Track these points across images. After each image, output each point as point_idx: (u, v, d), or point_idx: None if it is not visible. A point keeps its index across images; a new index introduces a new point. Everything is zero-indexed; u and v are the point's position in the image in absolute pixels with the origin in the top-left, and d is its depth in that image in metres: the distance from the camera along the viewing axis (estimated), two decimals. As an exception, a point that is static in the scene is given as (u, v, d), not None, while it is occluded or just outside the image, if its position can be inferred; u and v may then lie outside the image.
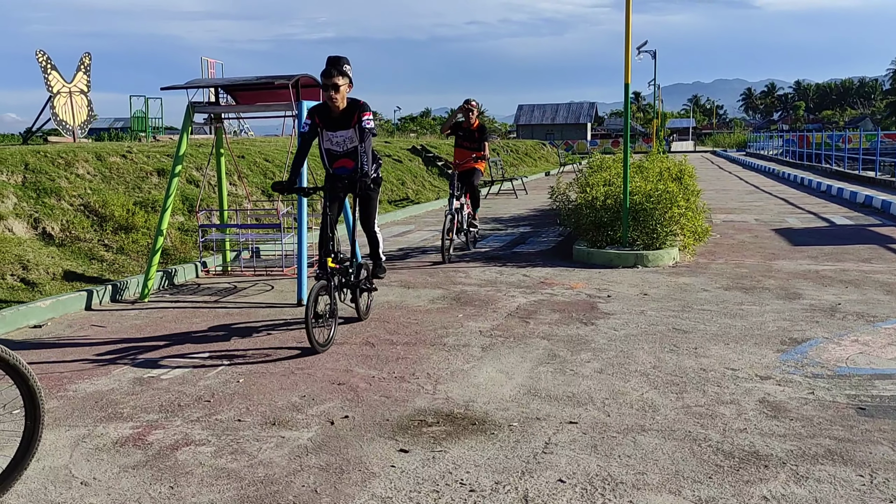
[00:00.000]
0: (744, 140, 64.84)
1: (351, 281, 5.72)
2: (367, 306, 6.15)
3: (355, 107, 5.61)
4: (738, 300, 6.52)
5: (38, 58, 17.49)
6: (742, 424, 3.75)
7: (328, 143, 5.76)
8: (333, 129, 5.68)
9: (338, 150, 5.74)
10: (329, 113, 5.64)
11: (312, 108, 5.74)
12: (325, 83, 5.45)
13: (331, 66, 5.47)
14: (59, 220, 8.16)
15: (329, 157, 5.81)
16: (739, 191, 19.63)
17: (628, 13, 8.50)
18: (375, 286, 6.23)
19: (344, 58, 5.56)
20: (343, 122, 5.64)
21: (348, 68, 5.53)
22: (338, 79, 5.45)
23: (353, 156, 5.72)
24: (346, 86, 5.54)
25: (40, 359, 5.13)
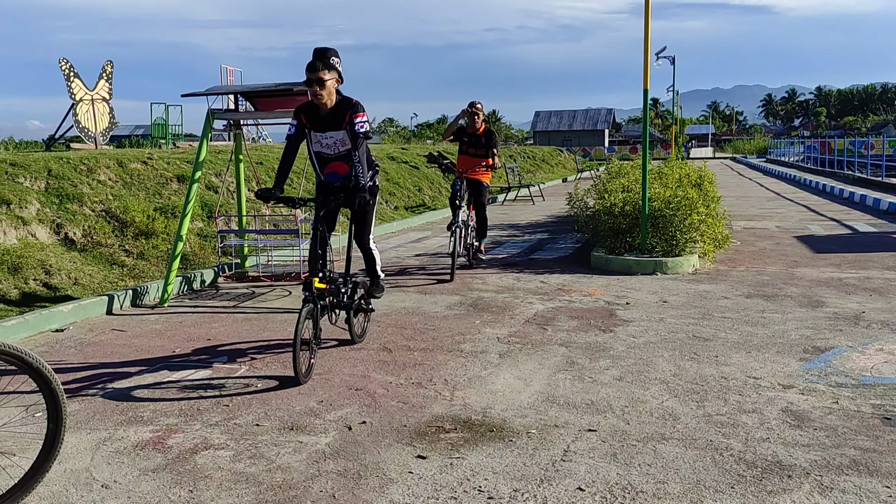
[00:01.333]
0: (764, 146, 64.34)
1: (344, 301, 5.13)
2: (362, 329, 5.60)
3: (346, 106, 5.06)
4: (760, 308, 6.45)
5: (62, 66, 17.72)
6: (765, 434, 3.70)
7: (317, 146, 5.23)
8: (322, 129, 5.14)
9: (328, 152, 5.23)
10: (317, 112, 5.10)
11: (298, 107, 5.21)
12: (309, 77, 4.89)
13: (316, 59, 4.92)
14: (81, 226, 8.24)
15: (319, 161, 5.31)
16: (760, 197, 19.46)
17: (647, 20, 8.47)
18: (373, 306, 5.67)
19: (332, 49, 5.04)
20: (332, 121, 5.10)
21: (336, 61, 5.01)
22: (323, 73, 4.89)
23: (347, 159, 5.20)
24: (333, 81, 4.98)
25: (62, 362, 5.18)
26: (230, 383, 4.68)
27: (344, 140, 5.14)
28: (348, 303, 5.18)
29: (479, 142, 8.86)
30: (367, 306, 5.55)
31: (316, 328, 4.71)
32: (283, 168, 5.13)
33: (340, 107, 5.05)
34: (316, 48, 5.00)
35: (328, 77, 4.92)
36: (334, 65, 4.98)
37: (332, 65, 4.94)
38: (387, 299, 7.15)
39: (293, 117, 5.20)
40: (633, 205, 8.94)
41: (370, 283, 5.61)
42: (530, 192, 20.38)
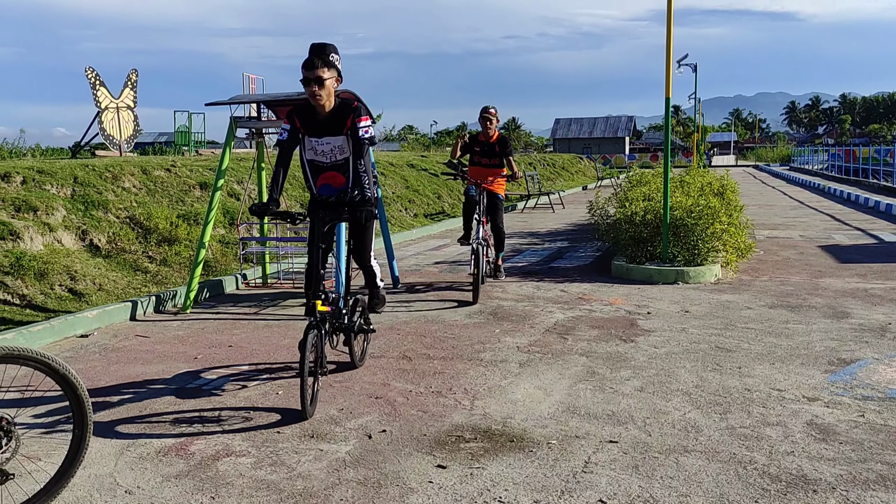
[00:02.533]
0: (787, 154, 63.75)
1: (344, 324, 4.70)
2: (362, 350, 5.22)
3: (347, 109, 4.54)
4: (784, 319, 6.38)
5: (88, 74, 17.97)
6: (789, 447, 3.66)
7: (311, 153, 4.69)
8: (318, 134, 4.61)
9: (323, 161, 4.67)
10: (313, 114, 4.59)
11: (292, 110, 4.69)
12: (306, 76, 4.39)
13: (313, 55, 4.42)
14: (105, 232, 8.35)
15: (312, 171, 4.74)
16: (783, 206, 19.27)
17: (669, 30, 8.43)
18: (373, 326, 5.17)
19: (331, 45, 4.52)
20: (331, 126, 4.58)
21: (336, 58, 4.49)
22: (322, 70, 4.38)
23: (344, 169, 4.67)
24: (332, 80, 4.47)
25: (87, 368, 5.24)
26: (251, 390, 4.71)
27: (342, 147, 4.62)
28: (349, 324, 4.73)
29: (492, 150, 8.16)
30: (368, 326, 5.06)
31: (321, 354, 4.28)
32: (277, 179, 4.57)
33: (341, 109, 4.56)
34: (313, 44, 4.48)
35: (327, 76, 4.42)
36: (334, 62, 4.46)
37: (331, 62, 4.43)
38: (406, 307, 7.17)
39: (286, 120, 4.65)
40: (654, 213, 8.89)
41: (369, 297, 5.12)
42: (550, 200, 20.33)
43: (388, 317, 6.75)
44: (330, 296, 4.47)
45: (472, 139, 8.29)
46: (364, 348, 5.24)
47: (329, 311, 4.41)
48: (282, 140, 4.61)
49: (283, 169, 4.59)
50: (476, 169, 8.21)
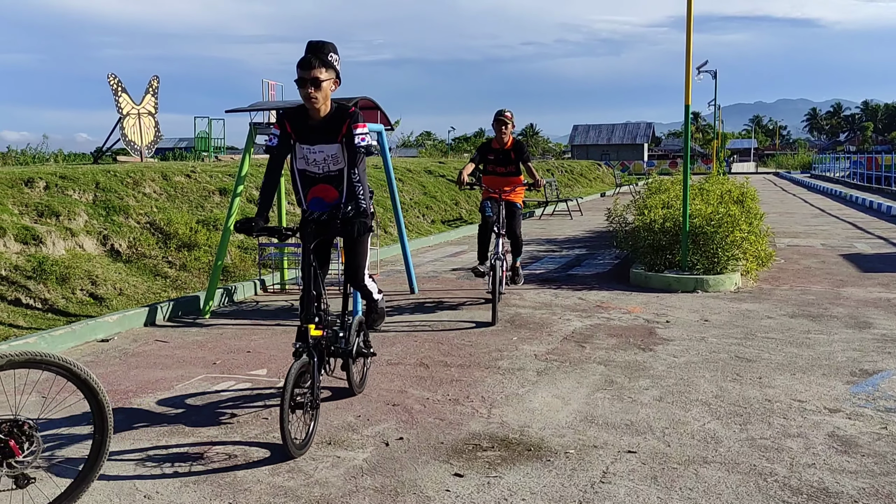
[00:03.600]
0: (808, 161, 63.19)
1: (342, 348, 4.30)
2: (362, 376, 4.82)
3: (343, 115, 4.17)
4: (805, 328, 6.31)
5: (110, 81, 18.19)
6: (810, 459, 3.61)
7: (302, 162, 4.28)
8: (311, 141, 4.20)
9: (315, 171, 4.27)
10: (306, 119, 4.18)
11: (282, 113, 4.27)
12: (302, 76, 4.01)
13: (310, 54, 4.04)
14: (126, 238, 8.43)
15: (303, 182, 4.34)
16: (804, 214, 19.08)
17: (689, 38, 8.40)
18: (373, 349, 4.79)
19: (329, 43, 4.14)
20: (325, 133, 4.17)
21: (335, 58, 4.12)
22: (319, 71, 4.00)
23: (337, 182, 4.26)
24: (330, 82, 4.09)
25: (107, 372, 5.29)
26: (269, 396, 4.73)
27: (336, 157, 4.22)
28: (347, 349, 4.33)
29: (507, 157, 7.42)
30: (368, 349, 4.68)
31: (314, 384, 3.84)
32: (267, 190, 4.16)
33: (336, 115, 4.17)
34: (310, 41, 4.11)
35: (325, 77, 4.03)
36: (332, 62, 4.09)
37: (329, 62, 4.07)
38: (424, 314, 7.17)
39: (276, 125, 4.26)
40: (673, 221, 8.83)
41: (367, 313, 4.64)
42: (568, 207, 20.28)
43: (404, 323, 6.76)
44: (326, 318, 4.07)
45: (484, 147, 7.55)
46: (364, 373, 4.84)
47: (324, 335, 4.03)
48: (271, 146, 4.20)
49: (273, 179, 4.16)
50: (491, 179, 7.45)
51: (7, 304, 6.41)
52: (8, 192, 7.99)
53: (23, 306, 6.51)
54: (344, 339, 4.33)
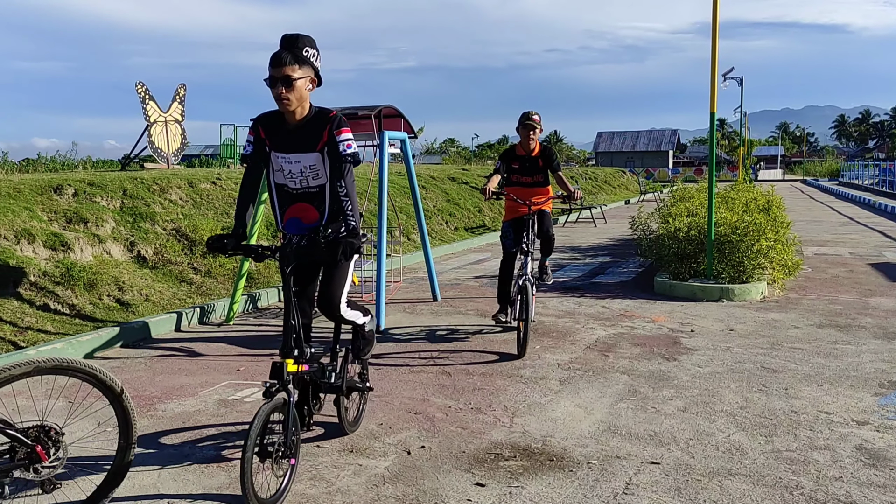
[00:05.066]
0: (836, 169, 62.35)
1: (332, 383, 3.83)
2: (358, 413, 4.26)
3: (324, 118, 3.64)
4: (832, 339, 6.21)
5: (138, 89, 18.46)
6: (837, 472, 3.55)
7: (279, 175, 3.75)
8: (286, 149, 3.67)
9: (291, 185, 3.73)
10: (281, 124, 3.67)
11: (257, 118, 3.77)
12: (272, 75, 3.50)
13: (282, 48, 3.55)
14: (152, 244, 8.53)
15: (280, 199, 3.81)
16: (832, 222, 18.81)
17: (714, 46, 8.33)
18: (370, 383, 4.28)
19: (306, 37, 3.61)
20: (302, 139, 3.65)
21: (311, 53, 3.60)
22: (291, 68, 3.49)
23: (318, 201, 3.72)
24: (305, 80, 3.57)
25: (132, 378, 5.35)
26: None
27: (316, 169, 3.68)
28: (335, 384, 3.85)
29: (535, 166, 6.58)
30: (363, 383, 4.19)
31: (289, 429, 3.29)
32: (243, 204, 3.69)
33: (315, 120, 3.66)
34: (285, 35, 3.61)
35: (299, 75, 3.52)
36: (308, 58, 3.58)
37: (304, 58, 3.56)
38: (446, 322, 7.17)
39: (250, 130, 3.78)
40: (698, 229, 8.76)
41: (352, 340, 4.11)
42: (592, 215, 20.18)
43: (427, 331, 6.77)
44: (307, 351, 3.52)
45: (508, 153, 6.66)
46: (360, 410, 4.29)
47: (307, 369, 3.54)
48: (245, 155, 3.75)
49: (249, 192, 3.71)
50: (516, 190, 6.55)
51: (36, 310, 6.52)
52: (38, 199, 8.13)
53: (51, 311, 6.62)
54: (332, 372, 3.84)
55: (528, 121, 6.46)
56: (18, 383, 2.91)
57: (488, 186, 6.23)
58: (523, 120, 6.50)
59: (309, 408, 3.69)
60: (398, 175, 15.02)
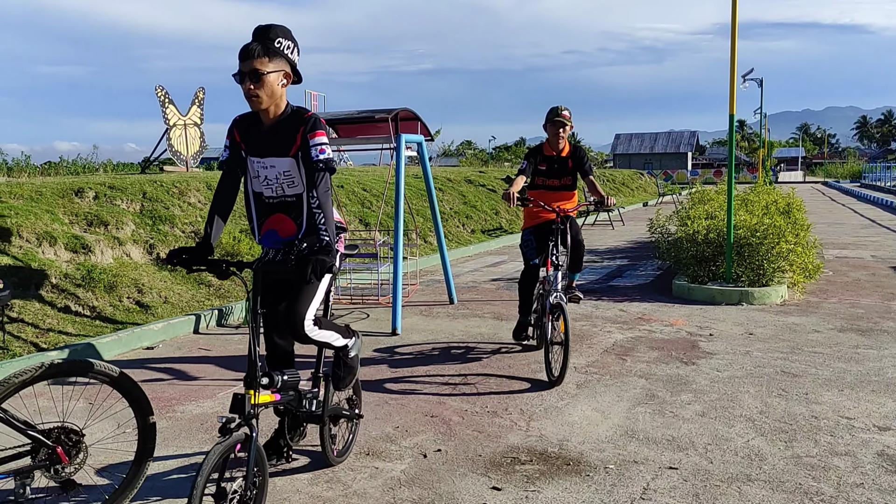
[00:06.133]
0: (858, 170, 61.65)
1: (312, 412, 3.51)
2: (347, 443, 3.87)
3: (297, 120, 3.31)
4: (854, 343, 6.14)
5: (158, 93, 18.64)
6: (858, 479, 3.51)
7: (256, 182, 3.44)
8: (261, 153, 3.37)
9: (267, 194, 3.42)
10: (257, 125, 3.38)
11: (234, 119, 3.48)
12: (241, 69, 3.19)
13: (253, 40, 3.21)
14: (171, 246, 8.60)
15: (257, 209, 3.49)
16: (854, 224, 18.59)
17: (734, 48, 8.27)
18: (359, 410, 3.92)
19: (280, 27, 3.28)
20: (276, 141, 3.33)
21: (286, 45, 3.27)
22: (261, 61, 3.17)
23: (295, 211, 3.40)
24: (278, 75, 3.24)
25: (152, 380, 5.39)
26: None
27: (291, 176, 3.36)
28: (317, 413, 3.52)
29: (563, 168, 5.91)
30: (352, 410, 3.85)
31: (251, 471, 2.86)
32: (214, 213, 3.31)
33: (289, 121, 3.32)
34: (258, 26, 3.28)
35: (270, 69, 3.19)
36: (281, 51, 3.24)
37: (277, 50, 3.22)
38: (462, 325, 7.17)
39: (227, 134, 3.49)
40: (717, 232, 8.69)
41: (333, 367, 3.65)
42: (609, 217, 20.09)
43: (443, 334, 6.77)
44: (278, 379, 3.12)
45: (534, 153, 5.99)
46: (349, 440, 3.89)
47: (279, 399, 3.18)
48: (222, 160, 3.44)
49: (223, 200, 3.35)
50: (540, 193, 5.90)
51: (57, 311, 6.59)
52: (59, 202, 8.23)
53: (72, 313, 6.69)
54: (312, 399, 3.50)
55: (557, 117, 5.79)
56: (39, 385, 2.94)
57: (512, 191, 5.46)
58: (552, 116, 5.82)
59: (285, 440, 3.51)
60: (415, 178, 15.04)
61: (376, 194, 13.82)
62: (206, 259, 3.12)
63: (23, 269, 6.77)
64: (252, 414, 2.89)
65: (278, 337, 3.60)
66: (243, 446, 2.84)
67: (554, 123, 5.81)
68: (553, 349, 5.11)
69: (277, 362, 3.64)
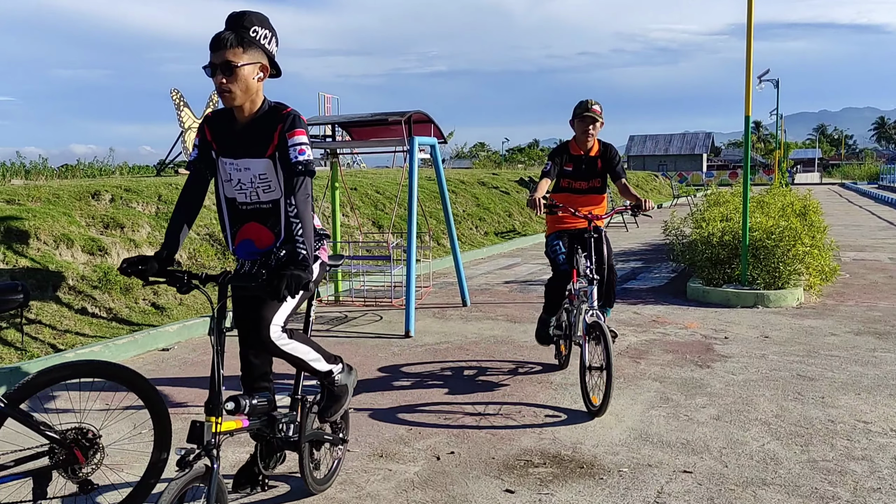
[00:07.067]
0: (876, 172, 61.07)
1: (287, 438, 3.20)
2: (330, 470, 3.55)
3: (274, 117, 2.98)
4: (871, 346, 6.08)
5: (173, 96, 18.77)
6: (875, 483, 3.47)
7: (228, 186, 3.11)
8: (233, 153, 3.03)
9: (241, 199, 3.09)
10: (231, 123, 3.04)
11: (206, 117, 3.14)
12: (212, 61, 2.87)
13: (226, 28, 2.89)
14: (186, 249, 8.66)
15: (231, 216, 3.16)
16: (871, 227, 18.42)
17: (749, 52, 8.23)
18: (345, 434, 3.60)
19: (254, 14, 2.93)
20: (251, 142, 3.00)
21: (263, 35, 2.93)
22: (234, 52, 2.84)
23: (272, 219, 3.08)
24: (254, 68, 2.91)
25: (167, 381, 5.43)
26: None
27: (267, 179, 3.03)
28: (293, 439, 3.21)
29: (592, 168, 5.31)
30: (336, 435, 3.51)
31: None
32: (177, 219, 3.05)
33: (267, 118, 3.00)
34: (231, 13, 2.93)
35: (244, 60, 2.87)
36: (257, 40, 2.91)
37: (252, 40, 2.89)
38: (475, 327, 7.16)
39: (197, 132, 3.14)
40: (732, 234, 8.64)
41: (319, 396, 3.37)
42: (623, 219, 20.02)
43: (456, 336, 6.77)
44: (245, 403, 2.91)
45: (560, 152, 5.32)
46: (334, 466, 3.57)
47: (246, 425, 2.92)
48: (190, 161, 3.14)
49: (187, 204, 3.07)
50: (566, 197, 5.30)
51: (74, 313, 6.66)
52: (76, 205, 8.31)
53: (89, 315, 6.75)
54: (288, 423, 3.21)
55: (586, 112, 5.15)
56: (57, 386, 2.97)
57: (536, 196, 4.78)
58: (580, 111, 5.18)
59: (258, 468, 3.17)
60: (428, 180, 15.05)
61: (389, 196, 13.85)
62: (166, 270, 2.86)
63: (40, 270, 6.84)
64: (213, 444, 2.62)
65: (253, 355, 3.29)
66: (204, 479, 2.56)
67: (583, 119, 5.17)
68: (592, 374, 4.54)
69: (253, 383, 3.33)
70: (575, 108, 5.24)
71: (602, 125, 5.25)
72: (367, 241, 11.01)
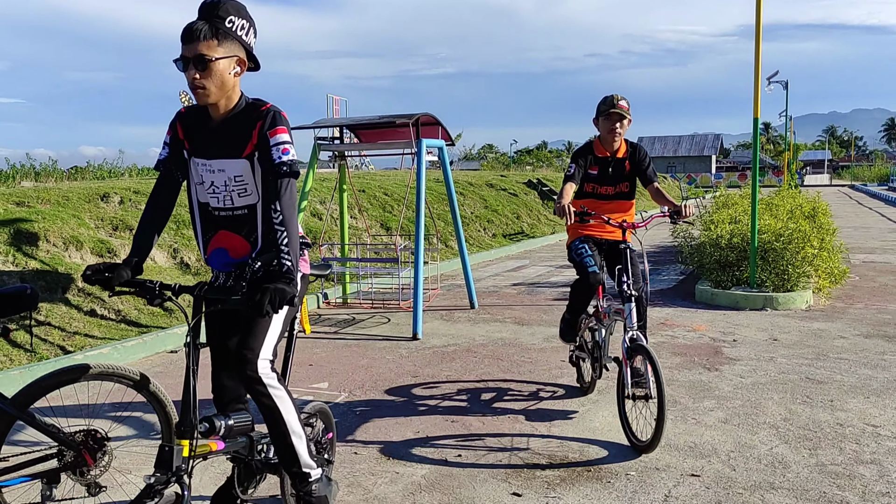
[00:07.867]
0: (886, 173, 60.73)
1: (266, 460, 3.00)
2: None
3: (254, 115, 2.71)
4: (880, 349, 6.05)
5: (182, 99, 18.83)
6: (884, 487, 3.45)
7: (201, 189, 2.82)
8: (206, 153, 2.76)
9: (214, 204, 2.80)
10: (205, 120, 2.78)
11: (177, 114, 2.89)
12: (183, 54, 2.60)
13: (201, 18, 2.62)
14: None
15: (203, 222, 2.88)
16: (881, 228, 18.32)
17: (758, 49, 8.20)
18: (330, 455, 3.29)
19: (231, 2, 2.64)
20: (227, 141, 2.72)
21: (240, 25, 2.66)
22: (208, 45, 2.58)
23: (248, 227, 2.79)
24: (230, 62, 2.65)
25: (175, 383, 5.44)
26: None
27: (243, 182, 2.75)
28: (272, 460, 2.98)
29: (619, 172, 4.72)
30: (320, 455, 3.16)
31: None
32: (146, 224, 2.84)
33: (244, 115, 2.72)
34: (204, 1, 2.65)
35: (219, 54, 2.61)
36: (233, 31, 2.64)
37: (228, 31, 2.63)
38: (483, 329, 7.16)
39: (168, 128, 2.88)
40: (741, 237, 8.61)
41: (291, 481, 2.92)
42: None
43: (464, 339, 6.77)
44: (221, 425, 2.74)
45: (583, 153, 4.69)
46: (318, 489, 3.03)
47: (222, 447, 2.72)
48: (159, 160, 2.88)
49: (158, 210, 2.87)
50: (591, 203, 4.72)
51: (83, 315, 6.69)
52: (85, 207, 8.36)
53: (98, 317, 6.78)
54: (267, 444, 3.00)
55: (612, 109, 4.51)
56: (66, 388, 2.99)
57: (564, 203, 4.26)
58: (605, 108, 4.55)
59: (235, 492, 2.95)
60: (436, 182, 15.06)
61: (398, 199, 13.86)
62: (135, 280, 2.66)
63: (50, 272, 6.88)
64: (183, 469, 2.44)
65: (227, 377, 3.00)
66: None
67: (609, 117, 4.53)
68: (636, 405, 4.05)
69: (226, 408, 3.02)
70: (599, 105, 4.61)
71: (630, 122, 4.61)
72: (375, 243, 11.03)
